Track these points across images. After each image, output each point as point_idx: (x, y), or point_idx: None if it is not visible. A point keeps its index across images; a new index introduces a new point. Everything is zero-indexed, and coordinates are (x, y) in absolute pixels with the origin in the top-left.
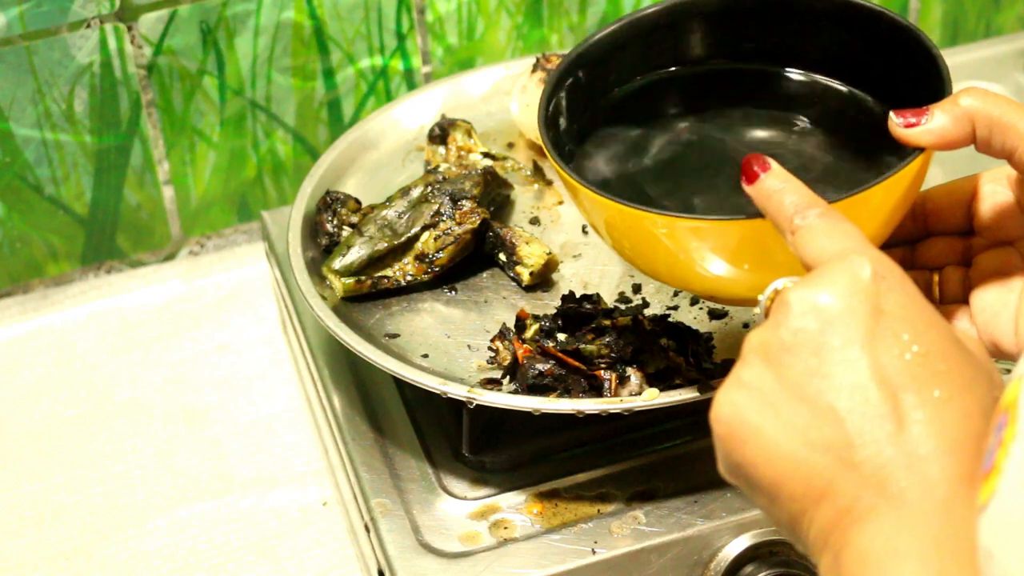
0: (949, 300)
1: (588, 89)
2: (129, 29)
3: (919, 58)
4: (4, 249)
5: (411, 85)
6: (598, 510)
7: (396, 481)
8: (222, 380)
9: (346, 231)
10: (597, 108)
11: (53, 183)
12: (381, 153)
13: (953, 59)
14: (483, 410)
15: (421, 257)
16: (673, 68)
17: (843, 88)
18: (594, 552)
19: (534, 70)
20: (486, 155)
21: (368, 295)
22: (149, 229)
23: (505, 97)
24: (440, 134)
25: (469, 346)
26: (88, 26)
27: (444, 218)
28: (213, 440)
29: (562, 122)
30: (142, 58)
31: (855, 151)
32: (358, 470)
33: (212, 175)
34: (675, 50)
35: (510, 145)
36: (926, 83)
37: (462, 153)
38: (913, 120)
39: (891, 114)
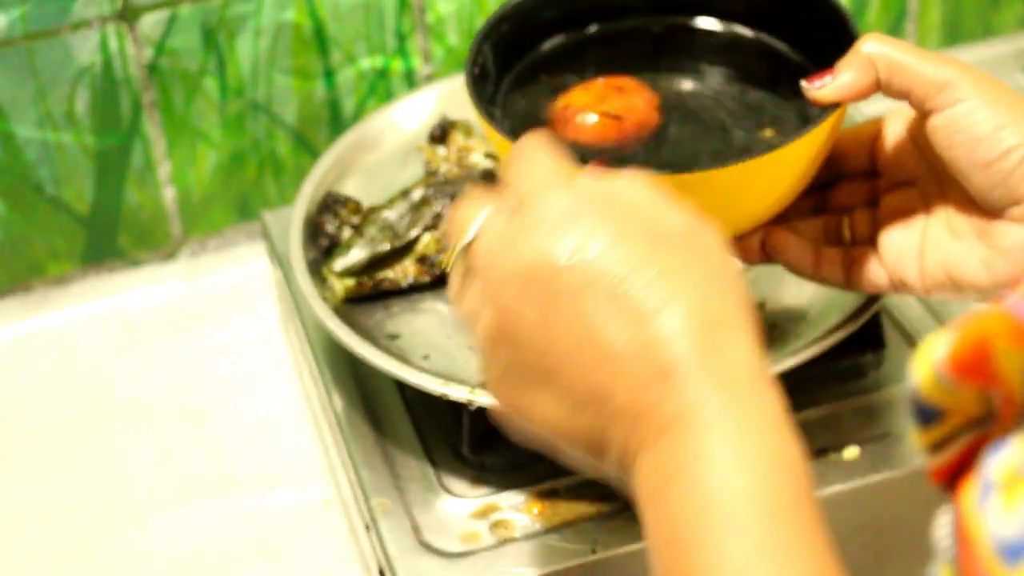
0: (860, 241)
1: (512, 46)
2: (130, 30)
3: (828, 16)
4: (5, 249)
5: (412, 85)
6: (598, 510)
7: (396, 481)
8: (222, 380)
9: (347, 232)
10: (521, 65)
11: (54, 183)
12: (381, 154)
13: None
14: (484, 410)
15: (422, 259)
16: (594, 24)
17: (762, 37)
18: (594, 552)
19: None
20: (487, 156)
21: (369, 296)
22: (150, 229)
23: None
24: (440, 135)
25: (470, 347)
26: (89, 27)
27: (445, 220)
28: (213, 440)
29: (488, 78)
30: (143, 59)
31: (779, 99)
32: (358, 470)
33: (213, 175)
34: (596, 5)
35: None
36: (836, 40)
37: (462, 154)
38: (820, 83)
39: (802, 83)
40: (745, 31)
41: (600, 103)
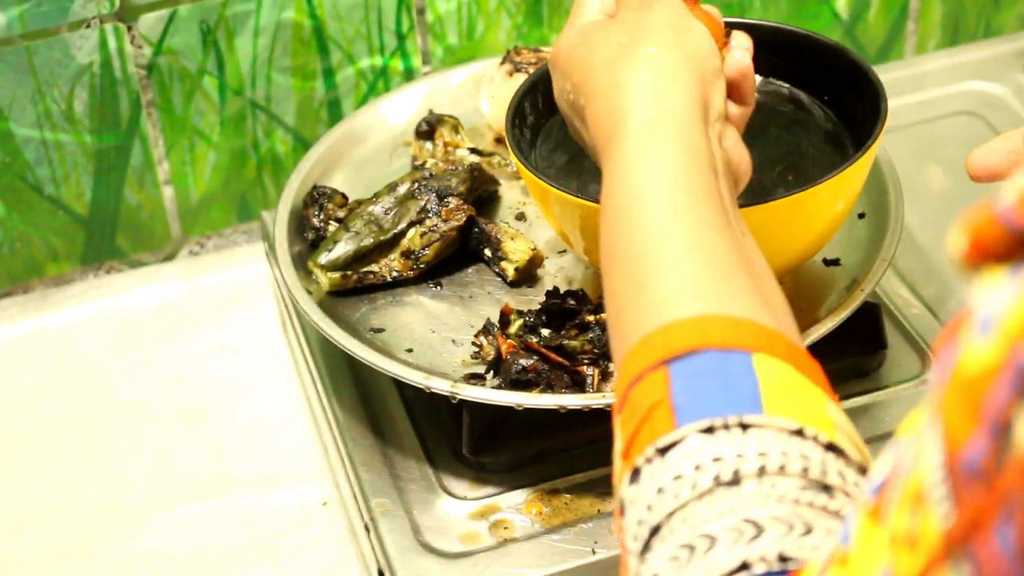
0: None
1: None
2: (129, 29)
3: (852, 72)
4: (4, 249)
5: None
6: (598, 510)
7: (396, 481)
8: (222, 380)
9: (333, 226)
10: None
11: (53, 183)
12: (368, 148)
13: (953, 59)
14: (483, 410)
15: (407, 253)
16: None
17: (796, 93)
18: (594, 552)
19: (503, 62)
20: (473, 151)
21: (354, 290)
22: (149, 229)
23: None
24: (427, 130)
25: (454, 341)
26: (88, 26)
27: (430, 215)
28: (213, 440)
29: (527, 128)
30: (142, 58)
31: (814, 145)
32: (358, 470)
33: (212, 175)
34: None
35: (498, 140)
36: (861, 94)
37: (449, 149)
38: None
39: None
40: (781, 86)
41: None
